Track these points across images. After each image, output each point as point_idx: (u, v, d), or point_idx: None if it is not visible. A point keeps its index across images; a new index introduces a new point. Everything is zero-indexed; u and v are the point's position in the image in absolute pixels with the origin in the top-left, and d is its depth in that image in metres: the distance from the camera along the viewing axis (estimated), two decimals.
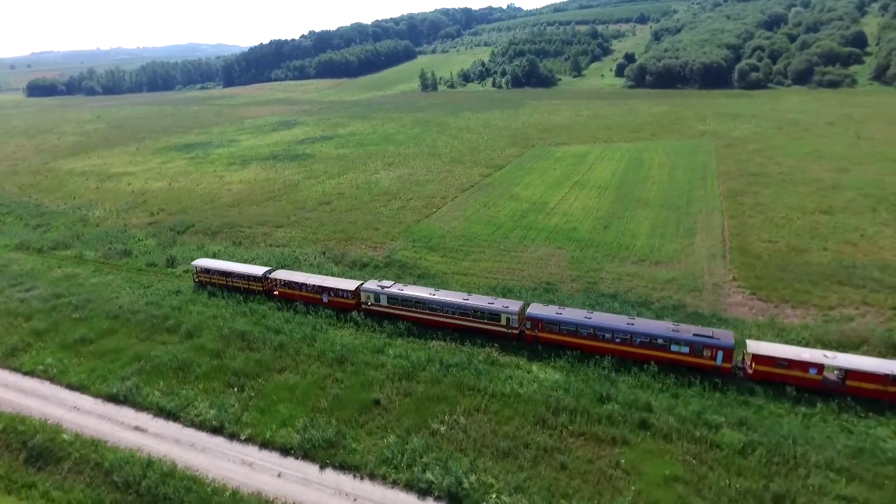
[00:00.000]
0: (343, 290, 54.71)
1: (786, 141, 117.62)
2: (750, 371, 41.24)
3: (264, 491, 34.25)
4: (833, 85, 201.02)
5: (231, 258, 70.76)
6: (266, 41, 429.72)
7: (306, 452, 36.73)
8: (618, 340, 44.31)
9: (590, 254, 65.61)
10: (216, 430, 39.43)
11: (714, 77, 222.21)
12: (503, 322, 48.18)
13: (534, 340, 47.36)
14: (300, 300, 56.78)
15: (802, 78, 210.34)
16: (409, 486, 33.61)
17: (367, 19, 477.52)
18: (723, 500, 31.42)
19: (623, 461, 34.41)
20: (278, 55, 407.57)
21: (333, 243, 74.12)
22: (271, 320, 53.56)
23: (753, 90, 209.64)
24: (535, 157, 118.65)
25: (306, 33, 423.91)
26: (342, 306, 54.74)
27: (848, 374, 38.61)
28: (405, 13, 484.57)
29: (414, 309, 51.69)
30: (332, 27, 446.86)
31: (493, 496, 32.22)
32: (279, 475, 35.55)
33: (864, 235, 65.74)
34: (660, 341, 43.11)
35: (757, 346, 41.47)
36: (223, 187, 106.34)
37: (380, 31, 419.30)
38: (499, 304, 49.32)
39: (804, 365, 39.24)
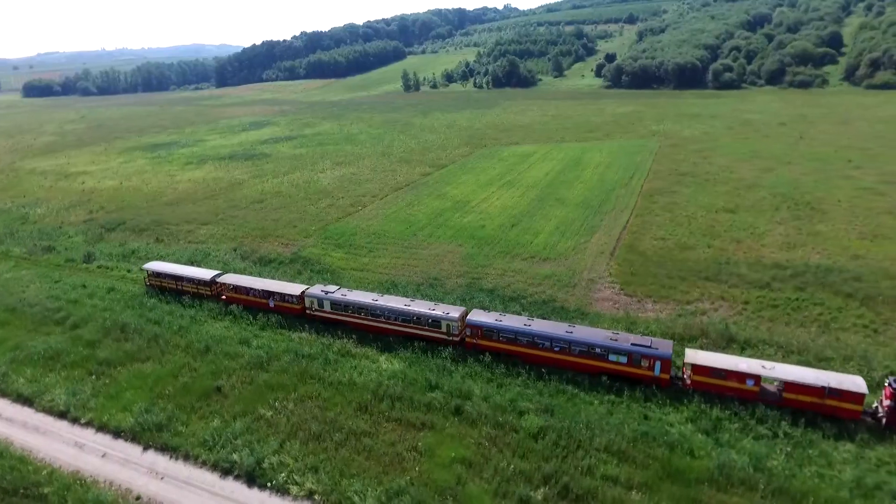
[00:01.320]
0: (289, 296, 53.19)
1: (730, 141, 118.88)
2: (688, 382, 39.93)
3: (83, 470, 36.47)
4: (804, 85, 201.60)
5: (149, 255, 73.26)
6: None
7: (135, 435, 38.92)
8: (556, 349, 43.00)
9: (485, 251, 67.47)
10: (62, 415, 41.71)
11: (689, 77, 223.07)
12: (443, 329, 46.56)
13: (473, 348, 45.91)
14: (247, 305, 55.33)
15: (775, 78, 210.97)
16: (214, 466, 35.73)
17: (365, 20, 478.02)
18: (497, 480, 33.29)
19: (421, 444, 36.36)
20: (270, 56, 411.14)
21: (249, 240, 76.34)
22: (156, 312, 55.73)
23: (726, 90, 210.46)
24: (482, 156, 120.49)
25: (298, 34, 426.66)
26: (288, 311, 53.41)
27: (785, 385, 37.21)
28: (398, 14, 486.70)
29: (357, 315, 50.23)
30: (328, 28, 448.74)
31: (284, 475, 34.23)
32: (104, 455, 37.77)
33: (754, 233, 67.24)
34: (598, 350, 41.62)
35: (695, 356, 39.91)
36: (170, 186, 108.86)
37: (371, 31, 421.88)
38: (439, 310, 47.49)
39: (741, 376, 37.88)
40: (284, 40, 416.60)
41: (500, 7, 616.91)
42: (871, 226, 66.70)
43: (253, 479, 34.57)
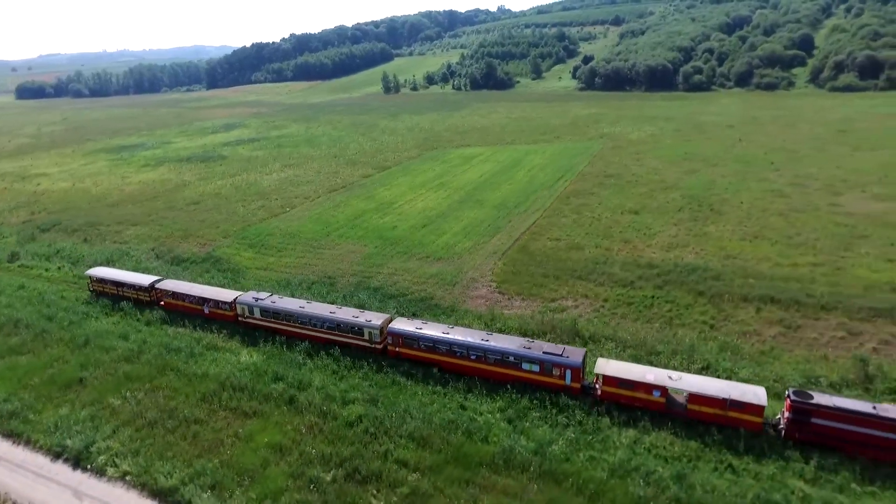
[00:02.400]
0: (222, 302, 53.40)
1: (671, 143, 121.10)
2: (599, 392, 39.59)
3: None
4: (770, 87, 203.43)
5: (72, 254, 76.31)
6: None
7: None
8: (473, 357, 42.83)
9: (386, 251, 70.06)
10: None
11: (659, 79, 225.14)
12: (366, 337, 46.79)
13: (396, 356, 45.94)
14: (184, 311, 55.39)
15: (743, 80, 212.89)
16: (48, 450, 38.43)
17: (361, 21, 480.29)
18: (298, 463, 35.86)
19: (243, 431, 38.99)
20: (259, 58, 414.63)
21: (171, 240, 79.12)
22: (52, 309, 58.50)
23: (695, 92, 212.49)
24: (428, 158, 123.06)
25: (287, 36, 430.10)
26: (223, 318, 53.42)
27: (689, 397, 36.89)
28: (391, 16, 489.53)
29: (285, 322, 50.37)
30: (320, 30, 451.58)
31: (105, 458, 36.91)
32: None
33: (646, 234, 69.59)
34: (511, 359, 41.43)
35: (605, 366, 39.38)
36: (118, 188, 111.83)
37: (359, 33, 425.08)
38: (363, 317, 47.46)
39: (648, 387, 37.62)
40: (273, 42, 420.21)
41: (494, 9, 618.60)
42: (757, 227, 68.94)
43: (78, 461, 37.18)
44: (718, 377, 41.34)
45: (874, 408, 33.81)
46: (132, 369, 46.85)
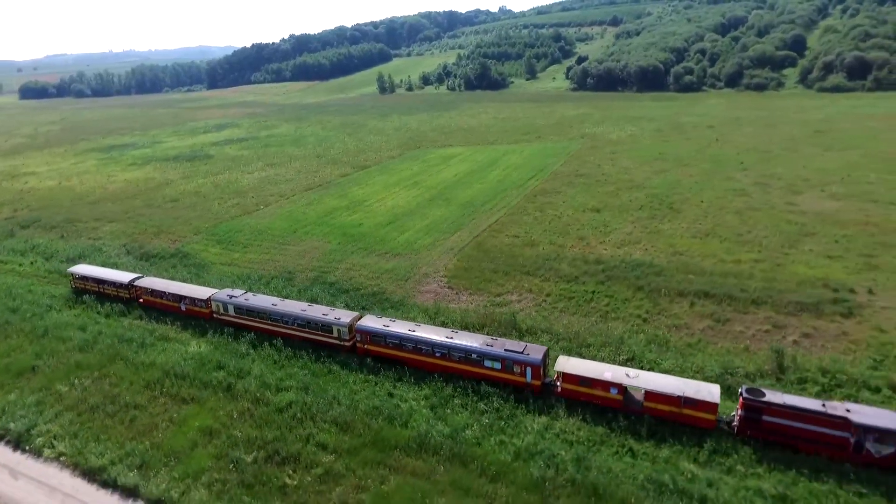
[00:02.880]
0: (198, 300, 54.20)
1: (649, 143, 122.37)
2: (559, 389, 40.15)
3: None
4: (760, 87, 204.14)
5: (48, 250, 78.51)
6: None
7: None
8: (438, 354, 43.39)
9: (348, 247, 71.87)
10: None
11: (651, 80, 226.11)
12: (335, 334, 47.65)
13: (364, 353, 46.76)
14: (162, 308, 56.38)
15: (733, 80, 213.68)
16: None
17: (361, 22, 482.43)
18: (224, 445, 37.68)
19: (178, 415, 40.87)
20: (259, 58, 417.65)
21: (144, 237, 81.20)
22: (17, 301, 60.61)
23: (686, 93, 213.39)
24: (408, 158, 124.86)
25: (287, 37, 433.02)
26: (198, 315, 54.30)
27: (645, 394, 37.45)
28: (391, 17, 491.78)
29: (258, 319, 51.24)
30: (320, 31, 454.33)
31: (43, 440, 38.88)
32: None
33: (602, 231, 71.12)
34: (474, 356, 42.11)
35: (564, 364, 40.01)
36: (101, 186, 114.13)
37: (358, 34, 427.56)
38: (332, 315, 48.32)
39: (606, 385, 38.16)
40: (273, 43, 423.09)
41: (496, 10, 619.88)
42: (710, 225, 70.36)
43: (19, 443, 39.14)
44: (642, 368, 42.81)
45: (823, 405, 34.30)
46: (83, 358, 48.79)
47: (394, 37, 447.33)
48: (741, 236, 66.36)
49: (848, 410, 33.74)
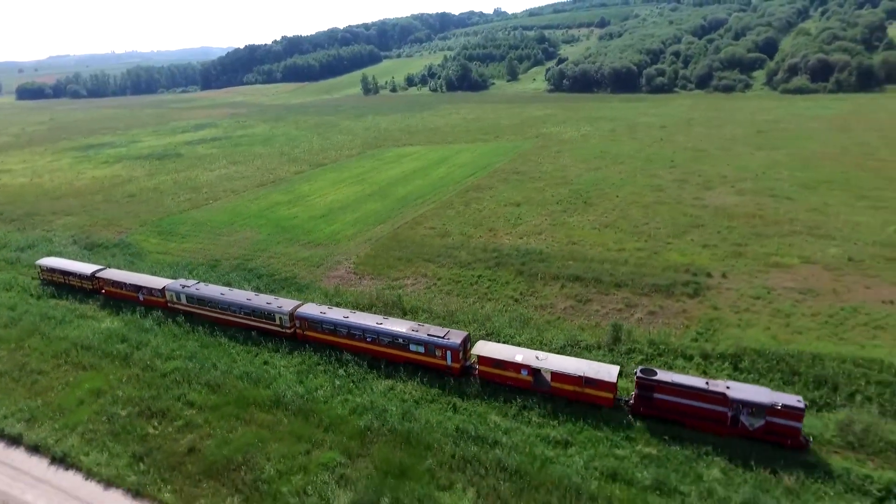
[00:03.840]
0: (154, 290, 57.20)
1: (597, 143, 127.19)
2: (477, 372, 42.62)
3: None
4: (728, 89, 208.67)
5: (1, 240, 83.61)
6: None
7: None
8: (369, 339, 45.85)
9: (276, 237, 77.06)
10: None
11: (624, 81, 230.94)
12: (277, 322, 50.02)
13: (304, 339, 49.15)
14: (122, 298, 59.20)
15: (703, 82, 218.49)
16: None
17: (353, 24, 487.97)
18: (107, 403, 42.82)
19: (73, 379, 46.08)
20: (252, 59, 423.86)
21: (93, 228, 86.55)
22: None
23: (657, 94, 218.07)
24: (365, 156, 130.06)
25: (279, 38, 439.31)
26: (155, 304, 57.04)
27: (552, 375, 39.68)
28: (382, 18, 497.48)
29: (208, 308, 53.74)
30: (314, 32, 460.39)
31: None
32: None
33: (515, 223, 76.05)
34: (401, 341, 44.39)
35: (482, 348, 42.47)
36: (68, 183, 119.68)
37: (349, 36, 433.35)
38: (275, 304, 50.68)
39: (517, 367, 40.55)
40: (265, 44, 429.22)
41: (490, 11, 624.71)
42: (614, 218, 75.24)
43: None
44: (500, 342, 47.67)
45: (707, 383, 36.40)
46: (5, 333, 54.12)
47: (385, 39, 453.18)
48: (637, 228, 71.17)
49: (728, 388, 35.80)
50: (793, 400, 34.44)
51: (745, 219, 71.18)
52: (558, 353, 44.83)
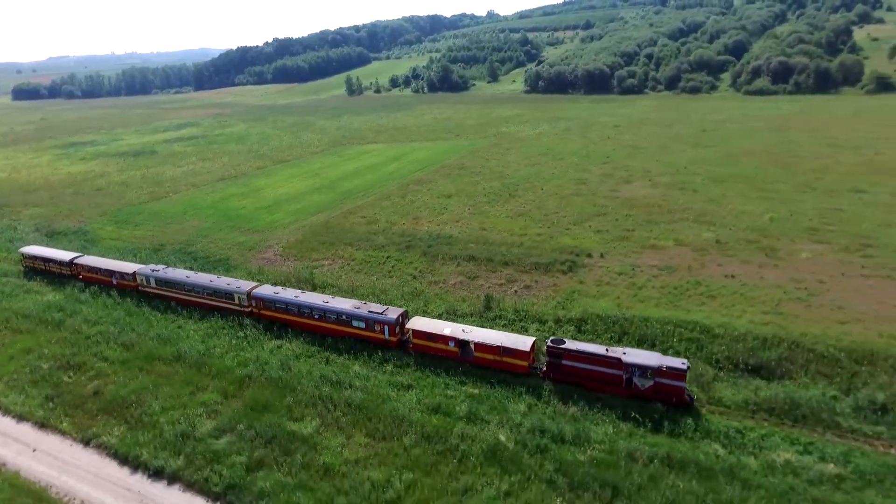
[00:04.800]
0: (126, 274, 61.28)
1: (548, 141, 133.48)
2: (411, 345, 46.49)
3: None
4: (694, 90, 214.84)
5: None
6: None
7: None
8: (317, 317, 49.79)
9: (220, 225, 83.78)
10: None
11: (597, 83, 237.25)
12: (236, 301, 54.04)
13: (259, 317, 53.29)
14: (98, 283, 63.19)
15: (672, 84, 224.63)
16: None
17: (344, 26, 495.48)
18: (33, 359, 49.47)
19: (9, 341, 52.83)
20: (243, 60, 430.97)
21: (56, 218, 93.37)
22: None
23: (628, 95, 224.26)
24: (329, 153, 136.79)
25: (270, 40, 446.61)
26: (127, 287, 61.28)
27: (475, 346, 43.32)
28: (374, 21, 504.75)
29: (175, 290, 57.79)
30: (306, 34, 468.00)
31: None
32: None
33: (439, 213, 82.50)
34: (344, 317, 48.35)
35: (415, 322, 46.42)
36: (44, 178, 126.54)
37: (339, 37, 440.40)
38: (234, 285, 54.74)
39: (445, 339, 44.20)
40: (257, 46, 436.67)
41: (484, 14, 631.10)
42: (531, 208, 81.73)
43: None
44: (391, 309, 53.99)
45: (606, 350, 40.08)
46: None
47: (375, 41, 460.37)
48: (546, 216, 77.68)
49: (624, 353, 39.60)
50: (677, 362, 37.87)
51: (645, 208, 77.60)
52: (437, 318, 51.18)
